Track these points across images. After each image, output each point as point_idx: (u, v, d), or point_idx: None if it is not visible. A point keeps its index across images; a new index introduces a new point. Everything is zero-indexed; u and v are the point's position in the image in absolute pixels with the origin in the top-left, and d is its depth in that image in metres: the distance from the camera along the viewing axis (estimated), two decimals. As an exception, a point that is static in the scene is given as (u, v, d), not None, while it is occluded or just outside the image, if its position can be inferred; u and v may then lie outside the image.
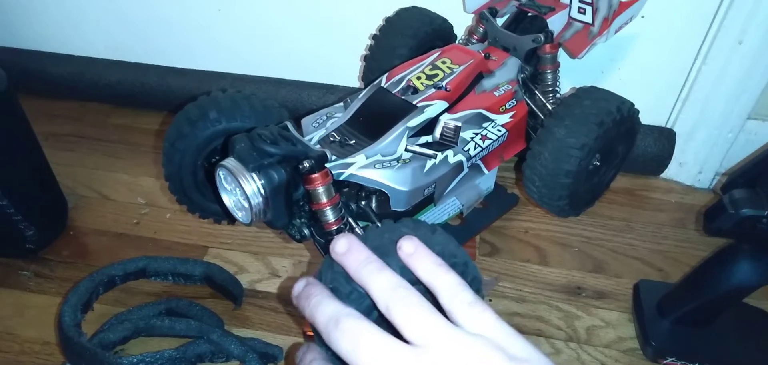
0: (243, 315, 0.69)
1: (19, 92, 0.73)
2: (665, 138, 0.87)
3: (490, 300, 0.71)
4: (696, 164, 0.88)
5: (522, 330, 0.67)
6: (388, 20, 0.78)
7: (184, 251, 0.76)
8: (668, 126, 0.88)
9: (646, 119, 0.69)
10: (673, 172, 0.90)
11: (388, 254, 0.34)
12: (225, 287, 0.69)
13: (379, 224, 0.39)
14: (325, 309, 0.31)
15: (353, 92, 0.67)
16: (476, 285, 0.38)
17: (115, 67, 1.02)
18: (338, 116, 0.62)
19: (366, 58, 0.79)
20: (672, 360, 0.63)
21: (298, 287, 0.34)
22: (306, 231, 0.58)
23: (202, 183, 0.64)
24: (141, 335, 0.63)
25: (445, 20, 0.80)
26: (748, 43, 0.75)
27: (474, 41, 0.78)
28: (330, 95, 0.94)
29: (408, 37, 0.75)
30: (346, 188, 0.59)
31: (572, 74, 0.84)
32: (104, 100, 1.05)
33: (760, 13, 0.72)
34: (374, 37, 0.78)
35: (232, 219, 0.56)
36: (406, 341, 0.29)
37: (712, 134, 0.84)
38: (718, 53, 0.78)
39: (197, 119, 0.59)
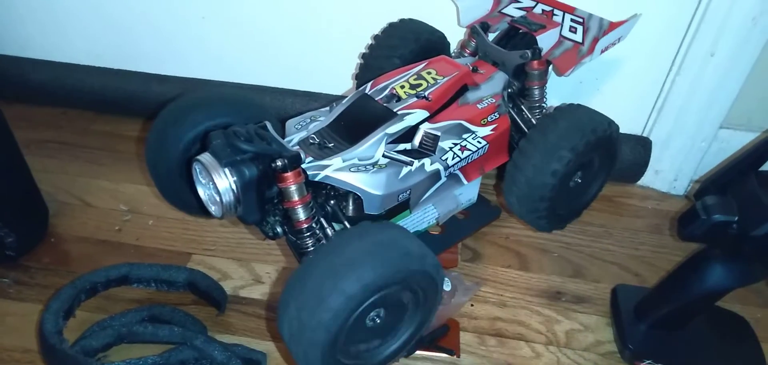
0: (226, 321, 0.69)
1: (0, 99, 0.73)
2: (641, 146, 0.89)
3: (472, 305, 0.72)
4: (671, 172, 0.90)
5: (503, 335, 0.69)
6: (391, 24, 0.79)
7: (167, 258, 0.76)
8: (644, 135, 0.90)
9: (623, 127, 0.71)
10: (649, 179, 0.92)
11: None
12: (208, 293, 0.70)
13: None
14: None
15: (337, 98, 0.67)
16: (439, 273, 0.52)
17: (98, 73, 1.01)
18: (321, 119, 0.63)
19: (364, 56, 0.80)
20: (649, 363, 0.65)
21: None
22: (279, 229, 0.59)
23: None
24: (123, 342, 0.63)
25: (442, 34, 0.81)
26: (719, 55, 0.77)
27: (466, 55, 0.79)
28: (313, 102, 0.95)
29: (410, 41, 0.76)
30: (323, 190, 0.60)
31: (553, 85, 0.85)
32: (86, 107, 1.04)
33: (731, 27, 0.75)
34: (375, 37, 0.79)
35: (206, 213, 0.57)
36: None
37: (687, 142, 0.87)
38: (691, 65, 0.80)
39: (183, 121, 0.60)
